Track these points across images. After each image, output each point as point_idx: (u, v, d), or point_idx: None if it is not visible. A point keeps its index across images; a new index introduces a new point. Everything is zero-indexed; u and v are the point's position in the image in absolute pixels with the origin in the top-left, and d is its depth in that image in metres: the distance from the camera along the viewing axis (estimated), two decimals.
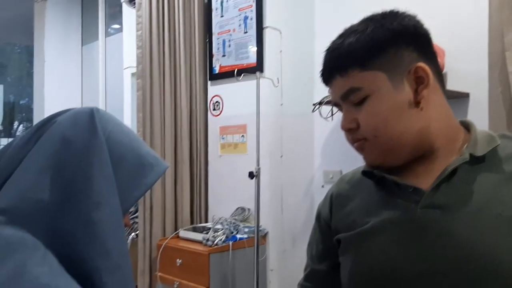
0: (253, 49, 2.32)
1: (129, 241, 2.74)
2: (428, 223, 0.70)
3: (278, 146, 2.32)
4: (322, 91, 2.12)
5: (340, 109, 0.78)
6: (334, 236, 0.83)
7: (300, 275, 0.95)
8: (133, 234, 2.75)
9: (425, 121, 0.73)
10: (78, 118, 0.61)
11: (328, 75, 0.76)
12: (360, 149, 0.77)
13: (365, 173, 0.81)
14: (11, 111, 5.36)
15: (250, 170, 2.07)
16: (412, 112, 0.72)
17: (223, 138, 2.50)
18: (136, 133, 0.68)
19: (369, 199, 0.79)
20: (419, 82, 0.72)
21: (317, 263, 0.88)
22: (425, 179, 0.73)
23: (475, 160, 0.71)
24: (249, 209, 2.35)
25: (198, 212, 2.56)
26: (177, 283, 2.14)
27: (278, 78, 2.23)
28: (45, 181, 0.56)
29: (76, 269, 0.54)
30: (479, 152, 0.71)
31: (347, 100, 0.75)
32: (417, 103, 0.72)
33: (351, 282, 0.77)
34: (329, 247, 0.85)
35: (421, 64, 0.72)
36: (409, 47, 0.72)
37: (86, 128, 0.60)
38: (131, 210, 2.87)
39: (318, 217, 0.89)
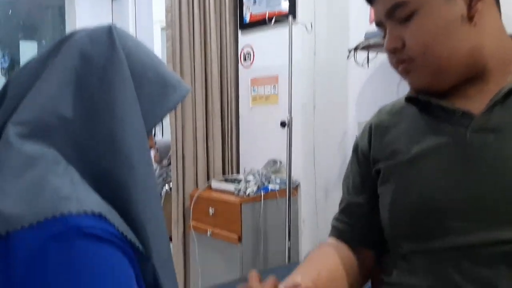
0: None
1: (163, 193, 2.79)
2: (480, 147, 0.65)
3: (311, 97, 2.25)
4: (358, 36, 2.06)
5: (384, 30, 0.72)
6: (373, 167, 0.79)
7: None
8: (166, 186, 2.80)
9: (479, 39, 0.66)
10: (96, 34, 0.60)
11: None
12: (405, 72, 0.71)
13: (409, 99, 0.75)
14: None
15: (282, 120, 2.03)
16: (465, 28, 0.66)
17: (254, 90, 2.46)
18: (156, 54, 0.66)
19: (412, 126, 0.74)
20: None
21: (354, 196, 0.84)
22: (475, 103, 0.68)
23: None
24: (280, 162, 2.32)
25: (230, 164, 2.56)
26: (210, 231, 2.18)
27: (311, 23, 2.14)
28: (66, 95, 0.55)
29: (101, 184, 0.53)
30: None
31: (392, 17, 0.69)
32: (470, 18, 0.66)
33: (392, 212, 0.73)
34: (367, 180, 0.81)
35: None
36: None
37: (105, 44, 0.58)
38: (164, 161, 2.90)
39: (356, 149, 0.85)
